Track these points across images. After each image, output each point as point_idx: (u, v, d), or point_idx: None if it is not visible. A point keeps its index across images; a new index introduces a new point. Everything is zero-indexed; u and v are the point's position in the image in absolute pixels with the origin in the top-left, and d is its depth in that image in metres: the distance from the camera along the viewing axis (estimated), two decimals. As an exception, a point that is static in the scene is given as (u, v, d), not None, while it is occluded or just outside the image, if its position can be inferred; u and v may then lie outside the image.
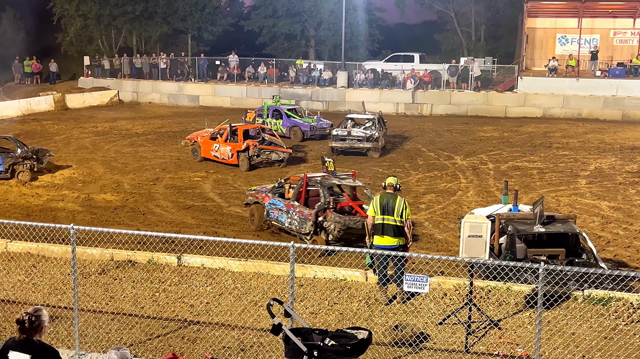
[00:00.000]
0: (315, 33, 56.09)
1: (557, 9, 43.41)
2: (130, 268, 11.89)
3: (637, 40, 40.82)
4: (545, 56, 41.59)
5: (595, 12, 41.98)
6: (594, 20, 42.03)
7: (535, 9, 42.84)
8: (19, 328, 5.79)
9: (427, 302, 10.35)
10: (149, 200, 18.64)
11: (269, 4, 55.34)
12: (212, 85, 42.79)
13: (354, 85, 41.01)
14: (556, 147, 27.07)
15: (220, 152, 23.41)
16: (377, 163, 23.89)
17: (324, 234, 14.34)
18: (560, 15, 43.24)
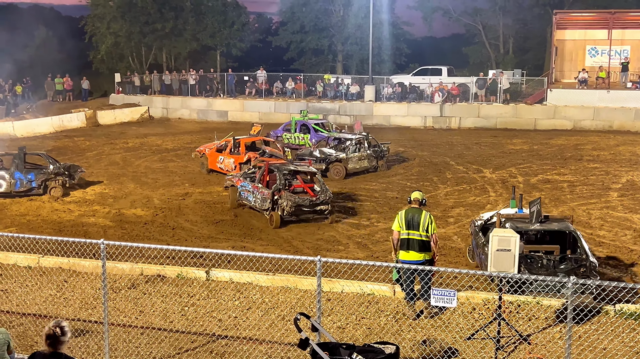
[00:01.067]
0: (342, 47, 56.30)
1: (587, 20, 43.04)
2: (160, 282, 12.00)
3: (668, 51, 40.28)
4: (575, 68, 41.20)
5: (625, 23, 41.53)
6: (624, 32, 41.55)
7: (565, 21, 42.53)
8: (48, 342, 5.87)
9: (456, 317, 10.28)
10: (179, 215, 18.80)
11: (297, 20, 55.73)
12: (240, 100, 43.12)
13: (382, 99, 41.01)
14: (587, 159, 26.76)
15: (225, 164, 23.95)
16: (405, 177, 23.83)
17: (280, 210, 17.50)
18: (589, 26, 42.82)
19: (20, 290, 11.71)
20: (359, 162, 24.50)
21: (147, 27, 51.25)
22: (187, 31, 52.57)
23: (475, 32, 57.03)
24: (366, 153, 24.70)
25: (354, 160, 24.27)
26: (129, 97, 44.88)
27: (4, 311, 10.07)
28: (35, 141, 32.25)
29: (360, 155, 24.55)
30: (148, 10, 50.79)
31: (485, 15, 55.22)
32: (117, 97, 45.30)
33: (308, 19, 55.08)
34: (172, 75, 46.45)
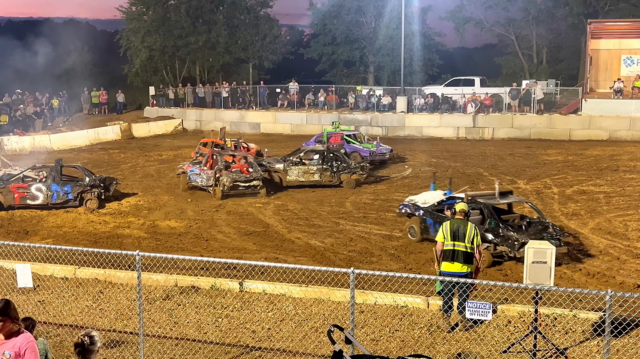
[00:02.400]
0: (374, 59, 56.32)
1: (622, 29, 42.48)
2: (194, 293, 12.08)
3: None
4: (610, 78, 40.63)
5: (661, 32, 40.92)
6: (660, 40, 40.96)
7: (599, 30, 42.02)
8: (78, 351, 5.93)
9: (491, 330, 10.17)
10: (212, 227, 18.92)
11: (328, 32, 55.92)
12: (272, 112, 43.37)
13: (414, 110, 40.91)
14: (623, 170, 26.34)
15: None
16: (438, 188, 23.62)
17: (221, 185, 21.68)
18: (624, 36, 42.25)
19: (57, 301, 11.88)
20: (304, 174, 23.89)
21: (181, 41, 51.87)
22: (220, 44, 53.07)
23: (508, 42, 56.62)
24: (316, 168, 23.95)
25: (294, 172, 23.83)
26: (163, 110, 45.43)
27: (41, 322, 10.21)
28: (71, 153, 32.80)
29: (306, 169, 23.92)
30: (182, 24, 51.43)
31: (518, 25, 54.81)
32: (151, 110, 45.89)
33: (339, 31, 55.22)
34: (205, 87, 46.93)
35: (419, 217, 16.85)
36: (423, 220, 16.71)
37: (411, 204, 17.50)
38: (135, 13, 52.56)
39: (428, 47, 55.09)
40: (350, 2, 54.27)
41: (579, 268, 14.60)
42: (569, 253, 15.19)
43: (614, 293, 7.44)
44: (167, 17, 51.40)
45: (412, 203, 17.50)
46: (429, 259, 14.80)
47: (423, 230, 16.63)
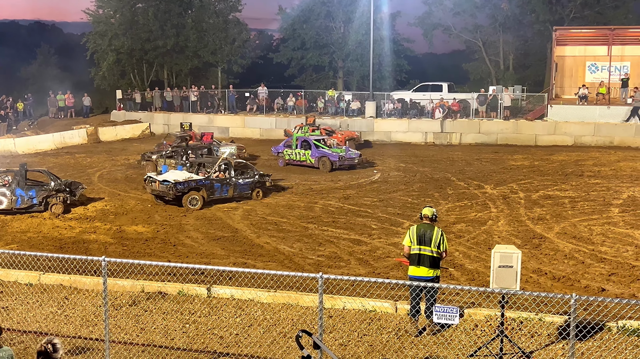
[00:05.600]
0: (343, 64, 56.53)
1: (587, 36, 43.25)
2: (161, 299, 11.96)
3: (668, 67, 40.40)
4: (575, 84, 41.32)
5: (625, 40, 41.72)
6: (624, 48, 41.73)
7: (565, 37, 42.73)
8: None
9: (458, 333, 10.24)
10: (180, 232, 18.79)
11: (297, 37, 55.99)
12: (241, 116, 43.25)
13: (383, 115, 41.12)
14: (588, 175, 26.77)
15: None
16: (407, 193, 23.83)
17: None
18: (589, 43, 43.01)
19: (21, 307, 11.68)
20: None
21: (149, 44, 51.49)
22: (188, 48, 52.80)
23: (475, 49, 57.28)
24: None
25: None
26: (130, 114, 45.05)
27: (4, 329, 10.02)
28: (36, 158, 32.34)
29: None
30: (150, 27, 51.06)
31: (485, 31, 55.50)
32: (118, 114, 45.47)
33: (309, 36, 55.34)
34: (174, 91, 46.64)
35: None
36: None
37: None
38: (102, 16, 52.06)
39: (397, 52, 55.49)
40: (320, 7, 54.43)
41: (545, 271, 14.78)
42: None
43: (578, 297, 7.54)
44: (135, 20, 50.99)
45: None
46: (397, 264, 14.87)
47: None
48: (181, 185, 21.51)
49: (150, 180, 22.37)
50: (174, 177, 21.92)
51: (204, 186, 21.96)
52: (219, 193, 22.33)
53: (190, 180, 21.84)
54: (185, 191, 21.58)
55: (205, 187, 22.00)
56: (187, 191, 21.61)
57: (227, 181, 22.51)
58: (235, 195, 22.72)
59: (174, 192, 21.41)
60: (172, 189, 21.38)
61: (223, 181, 22.46)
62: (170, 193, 21.49)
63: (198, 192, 21.80)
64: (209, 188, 22.06)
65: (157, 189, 21.86)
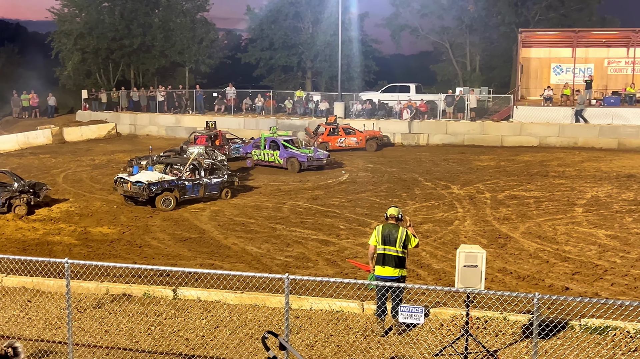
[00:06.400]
0: (311, 65, 56.57)
1: (551, 39, 43.89)
2: (126, 301, 11.84)
3: (631, 69, 41.16)
4: (541, 85, 41.90)
5: (589, 42, 42.42)
6: (588, 50, 42.44)
7: (530, 39, 43.31)
8: None
9: (424, 333, 10.30)
10: (146, 233, 18.62)
11: (266, 37, 55.89)
12: (209, 117, 42.89)
13: (351, 116, 41.21)
14: (553, 175, 27.14)
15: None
16: (375, 194, 23.92)
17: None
18: (554, 45, 43.68)
19: (-18, 310, 11.47)
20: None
21: (115, 44, 50.95)
22: (155, 47, 52.37)
23: (442, 50, 57.74)
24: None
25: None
26: (96, 114, 44.50)
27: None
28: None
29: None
30: (116, 26, 50.54)
31: (452, 33, 55.98)
32: (84, 114, 44.90)
33: (277, 36, 55.28)
34: (140, 91, 46.20)
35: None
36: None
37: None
38: (67, 15, 51.38)
39: (365, 53, 55.70)
40: (288, 8, 54.41)
41: (510, 271, 14.95)
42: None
43: (541, 296, 7.63)
44: (101, 19, 50.42)
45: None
46: (365, 264, 14.90)
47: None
48: (155, 186, 21.36)
49: (121, 181, 22.13)
50: (146, 177, 21.73)
51: (176, 187, 21.86)
52: (190, 193, 22.24)
53: (163, 181, 21.69)
54: (158, 192, 21.45)
55: (178, 188, 21.88)
56: (160, 192, 21.48)
57: (198, 182, 22.38)
58: (205, 196, 22.61)
59: (147, 193, 21.25)
60: (146, 190, 21.20)
61: (194, 181, 22.34)
62: (144, 194, 21.31)
63: (171, 193, 21.68)
64: (181, 189, 21.96)
65: (130, 190, 21.66)
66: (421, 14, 55.55)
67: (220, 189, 22.98)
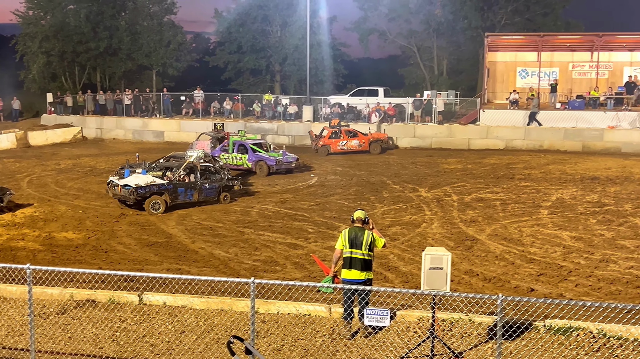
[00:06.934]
0: (280, 68, 56.57)
1: (517, 43, 44.46)
2: (90, 307, 11.69)
3: (595, 73, 41.87)
4: (507, 89, 42.41)
5: (554, 46, 43.07)
6: (553, 54, 43.10)
7: (496, 44, 43.81)
8: None
9: (391, 336, 10.33)
10: (112, 238, 18.41)
11: (234, 40, 55.77)
12: (177, 120, 42.74)
13: (320, 119, 41.27)
14: (518, 178, 27.45)
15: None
16: (343, 197, 23.96)
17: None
18: (520, 49, 44.24)
19: (-58, 318, 11.23)
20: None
21: (81, 47, 50.42)
22: (122, 50, 51.94)
23: (410, 54, 58.18)
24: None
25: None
26: (62, 118, 43.93)
27: None
28: (-38, 163, 31.21)
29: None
30: (81, 29, 50.02)
31: (419, 37, 56.45)
32: (49, 118, 44.28)
33: (245, 40, 55.19)
34: (107, 95, 45.75)
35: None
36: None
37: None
38: (32, 17, 50.75)
39: (334, 57, 55.88)
40: (256, 11, 54.38)
41: (477, 273, 15.07)
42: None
43: (504, 297, 7.71)
44: (66, 22, 49.89)
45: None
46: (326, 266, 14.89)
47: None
48: (142, 189, 21.23)
49: (112, 184, 22.07)
50: (135, 181, 21.59)
51: (166, 190, 21.68)
52: (182, 197, 22.07)
53: (152, 184, 21.53)
54: (147, 196, 21.31)
55: (168, 191, 21.69)
56: (148, 195, 21.34)
57: (191, 186, 22.22)
58: (201, 199, 22.51)
59: (134, 197, 21.15)
60: (133, 193, 21.08)
61: (187, 185, 22.17)
62: (130, 198, 21.21)
63: (160, 197, 21.50)
64: (172, 193, 21.78)
65: (119, 193, 21.58)
66: (389, 18, 55.93)
67: (217, 193, 22.87)
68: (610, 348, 9.72)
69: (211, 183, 22.73)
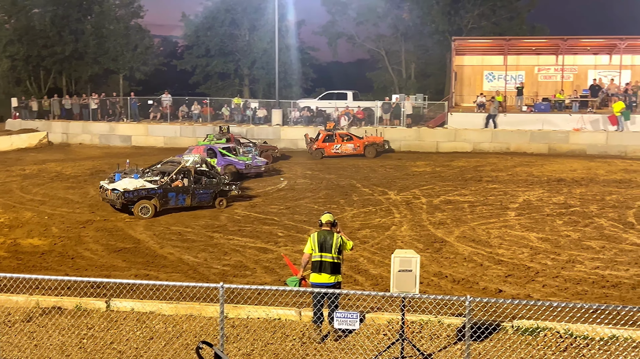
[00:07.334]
0: (249, 72, 56.44)
1: (484, 46, 44.90)
2: (57, 314, 11.51)
3: (560, 76, 42.44)
4: (474, 92, 42.77)
5: (519, 50, 43.57)
6: (519, 57, 43.59)
7: (463, 47, 44.20)
8: None
9: (361, 338, 10.33)
10: (78, 244, 18.16)
11: (202, 44, 55.49)
12: (144, 124, 42.36)
13: (289, 123, 41.25)
14: (486, 180, 27.71)
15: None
16: (313, 200, 23.96)
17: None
18: (486, 52, 44.69)
19: None
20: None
21: (46, 51, 49.77)
22: (88, 54, 51.39)
23: (378, 58, 58.47)
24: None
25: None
26: (27, 122, 43.32)
27: None
28: None
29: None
30: (47, 33, 49.40)
31: (387, 41, 56.73)
32: (13, 122, 43.62)
33: (213, 43, 54.96)
34: (73, 99, 45.17)
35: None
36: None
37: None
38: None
39: (302, 61, 55.93)
40: (224, 15, 54.20)
41: (445, 274, 15.17)
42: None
43: (473, 299, 7.76)
44: (31, 25, 49.22)
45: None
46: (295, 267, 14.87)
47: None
48: (130, 193, 21.09)
49: (103, 188, 22.04)
50: (124, 185, 21.46)
51: (156, 194, 21.51)
52: (173, 202, 21.94)
53: (140, 189, 21.36)
54: (134, 200, 21.20)
55: (158, 196, 21.52)
56: (136, 200, 21.22)
57: (183, 190, 22.05)
58: (195, 204, 22.37)
59: (121, 201, 21.06)
60: (120, 197, 21.00)
61: (179, 190, 21.98)
62: (117, 202, 21.14)
63: (149, 201, 21.35)
64: (161, 197, 21.60)
65: (108, 197, 21.55)
66: (357, 22, 56.15)
67: (212, 198, 22.73)
68: (577, 348, 9.85)
69: (205, 188, 22.64)
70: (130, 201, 21.23)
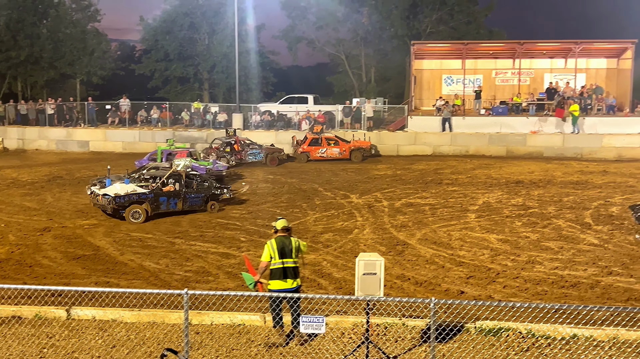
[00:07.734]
0: (208, 76, 56.10)
1: (442, 51, 45.43)
2: (16, 323, 11.27)
3: (517, 80, 43.13)
4: (433, 96, 43.24)
5: (477, 54, 44.21)
6: (476, 61, 44.23)
7: (422, 51, 44.65)
8: None
9: (326, 342, 10.34)
10: (36, 252, 17.81)
11: (161, 48, 54.98)
12: (102, 130, 41.80)
13: (250, 127, 41.12)
14: (446, 183, 28.00)
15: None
16: (275, 205, 23.90)
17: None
18: (445, 57, 45.22)
19: None
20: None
21: (1, 55, 48.76)
22: (43, 59, 50.52)
23: (338, 62, 58.68)
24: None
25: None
26: (-19, 128, 42.36)
27: None
28: None
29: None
30: (1, 37, 48.42)
31: (347, 45, 57.00)
32: (-33, 128, 42.62)
33: (172, 47, 54.49)
34: (29, 104, 44.35)
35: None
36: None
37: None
38: (-53, 24, 48.81)
39: (262, 65, 55.81)
40: (183, 19, 53.78)
41: (408, 277, 15.27)
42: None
43: (437, 301, 7.83)
44: (-15, 30, 48.20)
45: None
46: (265, 276, 14.82)
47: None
48: (121, 199, 20.97)
49: (94, 194, 21.88)
50: (115, 190, 21.39)
51: (147, 199, 21.40)
52: (165, 206, 21.84)
53: (131, 194, 21.25)
54: (125, 205, 21.07)
55: (149, 200, 21.42)
56: (127, 204, 21.09)
57: (174, 194, 21.89)
58: (187, 208, 22.23)
59: (112, 206, 20.94)
60: (112, 203, 20.89)
61: (170, 194, 21.81)
62: (109, 207, 21.04)
63: (141, 206, 21.27)
64: (153, 202, 21.50)
65: (99, 203, 21.43)
66: (317, 26, 56.27)
67: (204, 202, 22.61)
68: (539, 348, 10.00)
69: (197, 192, 22.51)
70: (121, 207, 21.13)
